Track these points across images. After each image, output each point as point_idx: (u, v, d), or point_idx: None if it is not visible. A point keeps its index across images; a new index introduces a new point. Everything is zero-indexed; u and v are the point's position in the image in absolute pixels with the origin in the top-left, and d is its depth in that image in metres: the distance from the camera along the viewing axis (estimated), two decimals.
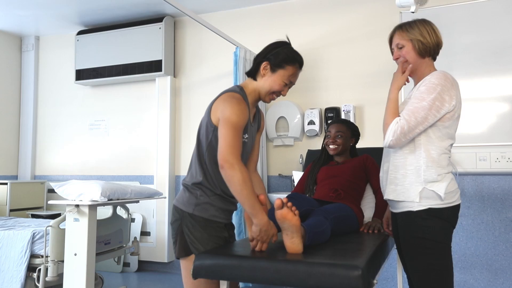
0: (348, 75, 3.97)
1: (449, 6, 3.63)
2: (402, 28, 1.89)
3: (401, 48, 1.88)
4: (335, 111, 3.88)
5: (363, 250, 1.62)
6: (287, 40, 1.92)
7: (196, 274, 1.54)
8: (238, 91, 1.82)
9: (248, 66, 3.70)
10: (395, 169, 1.85)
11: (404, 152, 1.82)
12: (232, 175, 1.60)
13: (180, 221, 1.80)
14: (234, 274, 1.49)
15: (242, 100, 1.76)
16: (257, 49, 4.16)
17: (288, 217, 1.50)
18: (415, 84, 1.93)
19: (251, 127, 1.88)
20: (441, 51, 1.95)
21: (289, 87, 1.88)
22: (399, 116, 1.76)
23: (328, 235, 1.74)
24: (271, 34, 4.24)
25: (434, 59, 1.92)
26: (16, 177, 5.21)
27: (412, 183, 1.78)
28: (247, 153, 1.91)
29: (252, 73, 1.87)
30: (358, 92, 3.92)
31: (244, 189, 1.59)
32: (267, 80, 1.81)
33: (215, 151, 1.71)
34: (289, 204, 1.51)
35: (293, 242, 1.53)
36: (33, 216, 4.58)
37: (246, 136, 1.82)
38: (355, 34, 3.96)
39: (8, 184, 4.56)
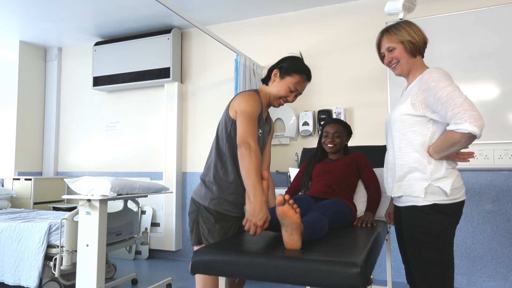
0: (339, 80, 3.81)
1: (430, 17, 3.50)
2: (389, 31, 1.69)
3: (391, 51, 1.67)
4: (327, 113, 3.72)
5: (360, 245, 1.42)
6: (299, 55, 1.86)
7: (194, 270, 1.33)
8: (253, 91, 1.76)
9: (248, 72, 3.52)
10: (400, 168, 1.64)
11: (407, 151, 1.62)
12: (247, 153, 1.51)
13: (197, 212, 1.75)
14: (232, 270, 1.28)
15: (254, 93, 1.72)
16: (256, 57, 4.06)
17: (289, 214, 1.30)
18: (409, 83, 1.73)
19: (264, 126, 1.81)
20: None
21: (296, 95, 1.80)
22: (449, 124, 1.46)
23: (326, 231, 1.54)
24: (269, 43, 4.10)
25: (423, 56, 1.73)
26: (40, 173, 5.04)
27: (417, 179, 1.57)
28: (260, 149, 1.79)
29: (265, 80, 1.84)
30: (348, 96, 3.76)
31: (252, 168, 1.48)
32: (276, 86, 1.77)
33: (234, 143, 1.69)
34: (291, 201, 1.31)
35: (291, 239, 1.33)
36: (54, 208, 4.41)
37: (260, 131, 1.75)
38: (345, 43, 3.81)
39: (32, 179, 4.41)
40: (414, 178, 1.58)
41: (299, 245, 1.34)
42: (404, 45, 1.65)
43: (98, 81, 4.61)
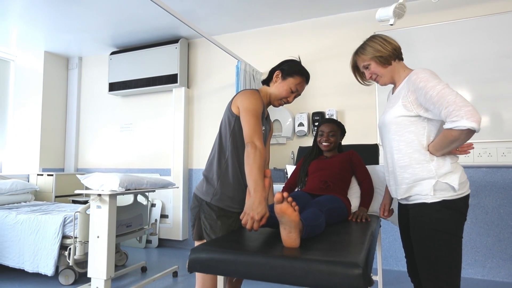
0: (331, 84, 3.61)
1: (415, 27, 3.34)
2: (358, 53, 1.55)
3: (367, 67, 1.52)
4: (321, 114, 3.53)
5: (358, 243, 1.21)
6: (298, 59, 1.68)
7: (191, 268, 1.13)
8: (255, 90, 1.57)
9: (248, 77, 3.33)
10: (402, 170, 1.43)
11: (407, 151, 1.40)
12: (252, 152, 1.33)
13: (199, 208, 1.54)
14: (229, 269, 1.08)
15: (256, 92, 1.52)
16: (255, 63, 3.87)
17: (288, 212, 1.10)
18: (396, 86, 1.53)
19: (266, 124, 1.62)
20: (408, 65, 1.60)
21: (295, 96, 1.62)
22: (446, 123, 1.25)
23: (323, 227, 1.34)
24: (267, 51, 3.91)
25: (401, 59, 1.53)
26: (62, 170, 4.85)
27: (424, 178, 1.36)
28: None
29: (267, 81, 1.65)
30: (339, 99, 3.57)
31: (256, 165, 1.29)
32: (277, 86, 1.59)
33: (237, 137, 1.51)
34: (290, 199, 1.11)
35: (290, 237, 1.13)
36: (74, 201, 4.22)
37: (263, 128, 1.56)
38: (337, 51, 3.62)
39: (54, 175, 4.21)
40: (420, 178, 1.37)
41: (298, 243, 1.13)
42: (375, 61, 1.49)
43: (114, 87, 4.42)
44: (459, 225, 1.34)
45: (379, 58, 1.47)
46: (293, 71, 1.57)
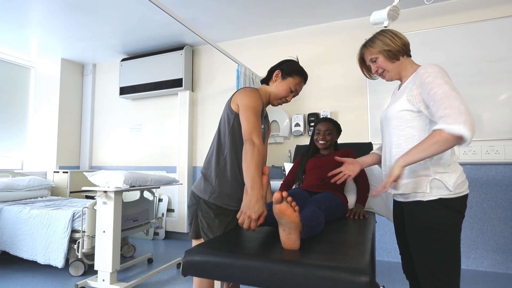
0: (326, 87, 3.42)
1: (405, 33, 3.10)
2: (367, 46, 1.35)
3: (375, 61, 1.32)
4: (316, 115, 3.34)
5: (360, 244, 1.03)
6: (295, 59, 1.54)
7: (185, 271, 0.94)
8: (254, 88, 1.38)
9: (248, 80, 3.14)
10: None
11: (406, 147, 1.22)
12: (250, 149, 1.15)
13: (196, 206, 1.37)
14: (225, 273, 0.90)
15: (255, 90, 1.36)
16: (254, 67, 3.68)
17: (287, 212, 0.91)
18: (402, 82, 1.34)
19: (264, 123, 1.44)
20: None
21: (294, 95, 1.46)
22: (441, 119, 1.06)
23: (323, 225, 1.15)
24: (265, 56, 3.72)
25: (409, 56, 1.34)
26: (78, 167, 4.65)
27: (420, 175, 1.18)
28: None
29: (266, 80, 1.48)
30: (333, 101, 3.38)
31: (253, 162, 1.12)
32: (277, 86, 1.43)
33: (236, 135, 1.33)
34: (289, 198, 0.92)
35: (290, 239, 0.94)
36: (87, 197, 4.03)
37: (262, 126, 1.38)
38: (330, 56, 3.43)
39: (69, 172, 4.03)
40: (416, 174, 1.19)
41: (298, 245, 0.94)
42: (383, 54, 1.30)
43: (124, 91, 4.23)
44: (457, 223, 1.15)
45: (387, 52, 1.29)
46: (293, 71, 1.41)
